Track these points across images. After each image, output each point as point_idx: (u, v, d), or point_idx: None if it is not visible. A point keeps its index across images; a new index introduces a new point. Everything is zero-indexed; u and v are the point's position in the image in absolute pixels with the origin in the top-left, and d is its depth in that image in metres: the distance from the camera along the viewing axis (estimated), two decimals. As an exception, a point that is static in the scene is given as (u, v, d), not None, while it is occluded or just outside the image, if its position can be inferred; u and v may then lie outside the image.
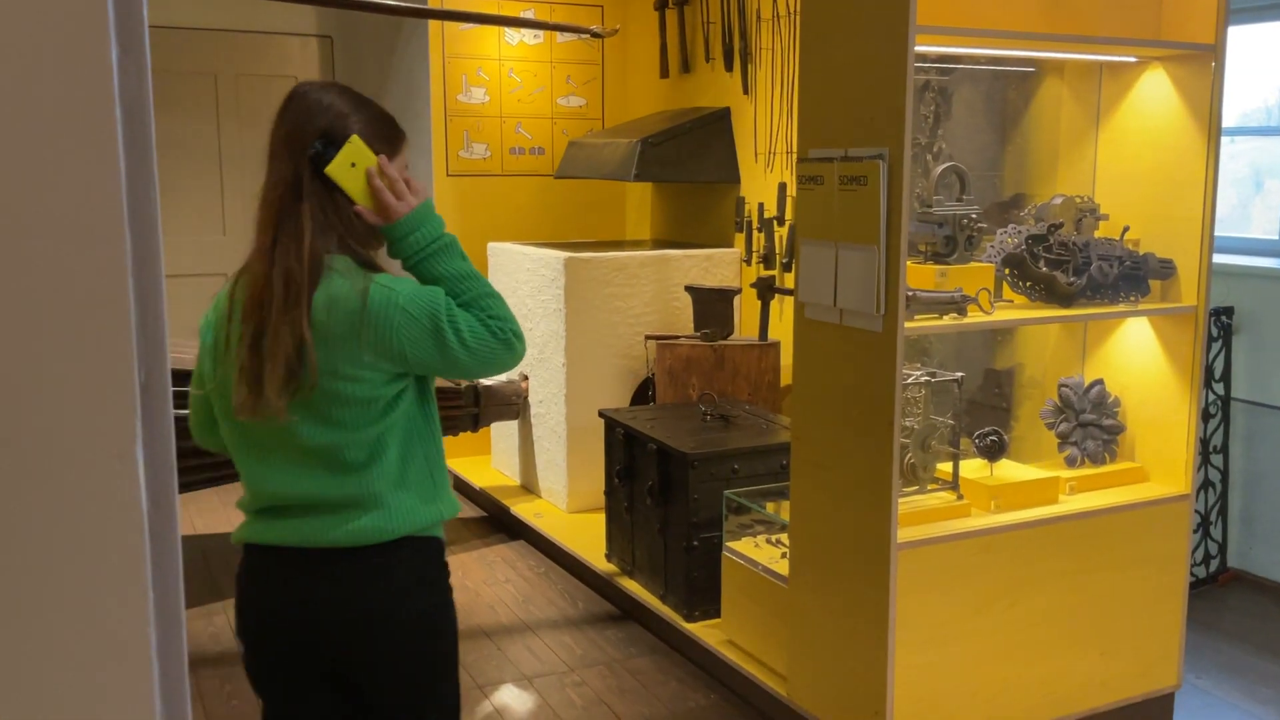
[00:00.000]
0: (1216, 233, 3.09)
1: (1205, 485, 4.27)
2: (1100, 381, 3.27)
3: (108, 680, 0.56)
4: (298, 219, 1.78)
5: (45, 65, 0.51)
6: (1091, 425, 3.23)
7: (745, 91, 4.85)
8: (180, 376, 4.03)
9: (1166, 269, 3.09)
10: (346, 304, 1.77)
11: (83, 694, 0.55)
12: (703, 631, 3.61)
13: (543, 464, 4.96)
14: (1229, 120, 4.49)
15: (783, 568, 3.20)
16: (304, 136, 1.80)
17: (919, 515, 2.88)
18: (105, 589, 0.54)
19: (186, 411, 1.96)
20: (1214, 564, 4.30)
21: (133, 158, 0.53)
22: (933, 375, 3.04)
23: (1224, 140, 4.38)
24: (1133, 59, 3.15)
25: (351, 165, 1.80)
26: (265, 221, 1.79)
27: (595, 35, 5.38)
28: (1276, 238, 4.41)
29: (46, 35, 0.50)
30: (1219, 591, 4.24)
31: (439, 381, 4.95)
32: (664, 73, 5.37)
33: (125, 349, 0.53)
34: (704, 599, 3.67)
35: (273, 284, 1.75)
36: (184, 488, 4.13)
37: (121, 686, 0.56)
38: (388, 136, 1.89)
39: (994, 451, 3.10)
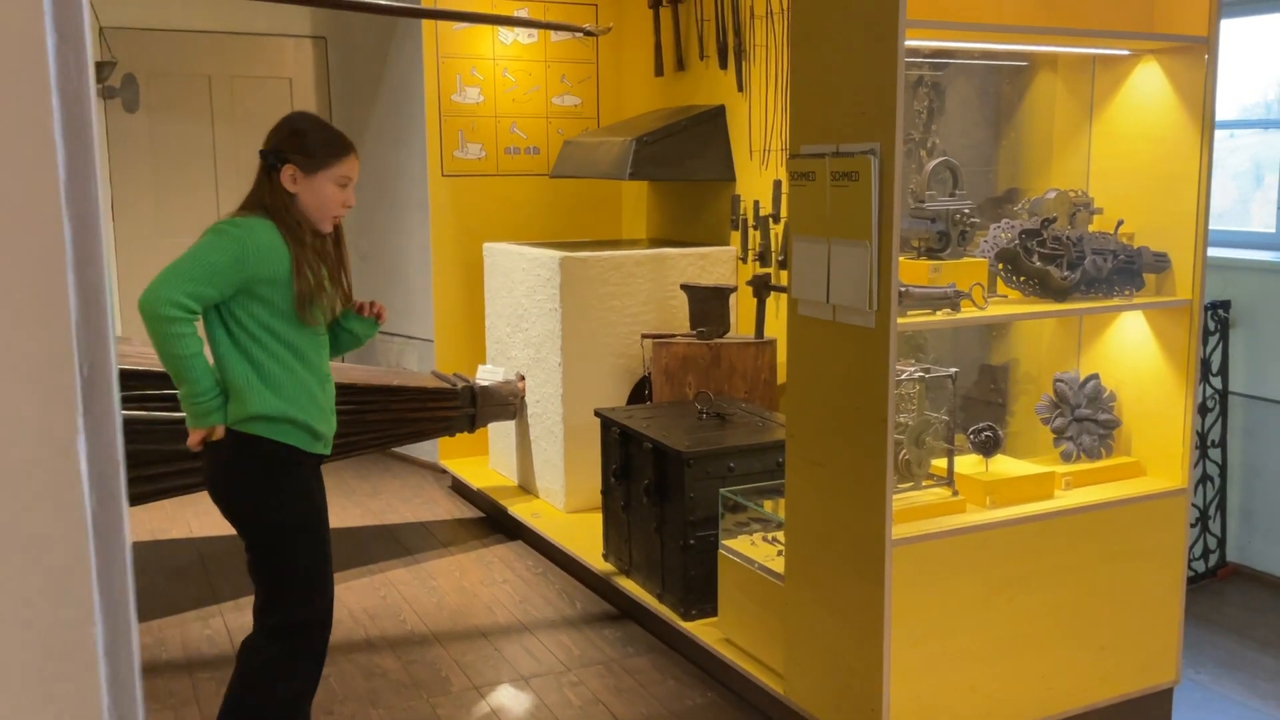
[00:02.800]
0: (1215, 226, 3.07)
1: (1204, 479, 4.25)
2: (1096, 376, 3.26)
3: (52, 682, 0.55)
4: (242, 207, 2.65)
5: (-23, 52, 0.49)
6: (1087, 420, 3.22)
7: (740, 89, 4.84)
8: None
9: (1161, 262, 3.08)
10: None
11: (26, 696, 0.54)
12: (700, 630, 3.60)
13: (540, 464, 4.96)
14: (1229, 114, 4.48)
15: (779, 565, 3.19)
16: (264, 150, 2.64)
17: (914, 512, 2.86)
18: (46, 589, 0.53)
19: (179, 413, 2.67)
20: (1213, 558, 4.29)
21: (72, 147, 0.52)
22: (927, 371, 3.03)
23: (1224, 134, 4.37)
24: (1126, 52, 3.13)
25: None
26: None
27: (589, 34, 5.37)
28: (1274, 231, 4.39)
29: (-22, 21, 0.49)
30: (1218, 586, 4.23)
31: (433, 382, 4.94)
32: (658, 71, 5.36)
33: (64, 341, 0.51)
34: (701, 597, 3.66)
35: None
36: (182, 490, 4.12)
37: (66, 688, 0.55)
38: (319, 153, 2.62)
39: (989, 447, 3.08)
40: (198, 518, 5.10)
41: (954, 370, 3.04)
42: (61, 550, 0.53)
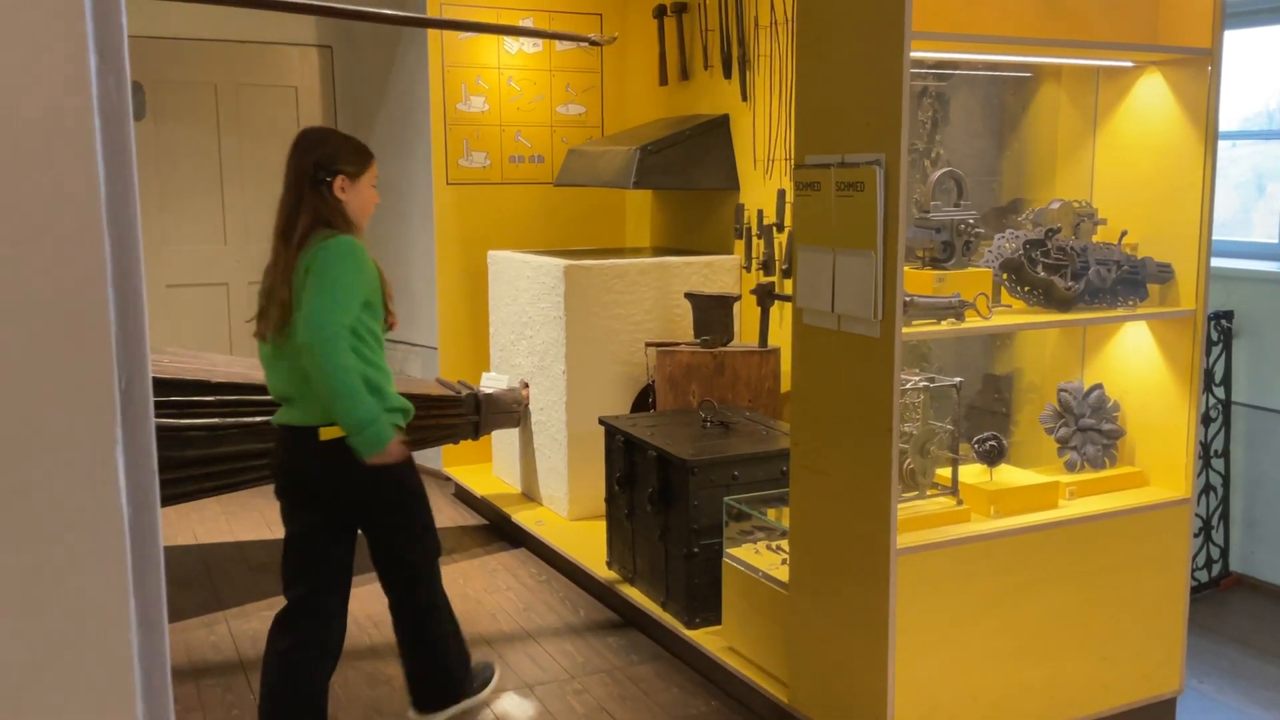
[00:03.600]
0: (1217, 236, 3.09)
1: (1207, 489, 4.26)
2: (1099, 386, 3.27)
3: (90, 686, 0.56)
4: (299, 220, 2.75)
5: (22, 74, 0.51)
6: (1091, 430, 3.23)
7: (744, 98, 4.86)
8: (187, 386, 3.97)
9: (1165, 273, 3.09)
10: (305, 260, 2.72)
11: (65, 701, 0.56)
12: (704, 638, 3.61)
13: (544, 471, 4.97)
14: (1230, 124, 4.50)
15: (783, 574, 3.20)
16: (303, 167, 2.77)
17: (918, 521, 2.87)
18: (86, 595, 0.54)
19: (190, 421, 2.55)
20: (1216, 568, 4.29)
21: (112, 165, 0.53)
22: (931, 380, 3.04)
23: (1226, 144, 4.38)
24: (1129, 63, 3.15)
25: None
26: (280, 221, 2.79)
27: (594, 43, 5.39)
28: (1277, 241, 4.40)
29: (24, 44, 0.51)
30: (1221, 595, 4.23)
31: (437, 390, 4.95)
32: (663, 80, 5.38)
33: (105, 355, 0.53)
34: (705, 606, 3.67)
35: (277, 260, 2.77)
36: (187, 496, 4.14)
37: (104, 692, 0.56)
38: (358, 160, 2.82)
39: (993, 456, 3.09)
40: (202, 524, 5.11)
41: (958, 380, 3.05)
42: (99, 559, 0.54)
